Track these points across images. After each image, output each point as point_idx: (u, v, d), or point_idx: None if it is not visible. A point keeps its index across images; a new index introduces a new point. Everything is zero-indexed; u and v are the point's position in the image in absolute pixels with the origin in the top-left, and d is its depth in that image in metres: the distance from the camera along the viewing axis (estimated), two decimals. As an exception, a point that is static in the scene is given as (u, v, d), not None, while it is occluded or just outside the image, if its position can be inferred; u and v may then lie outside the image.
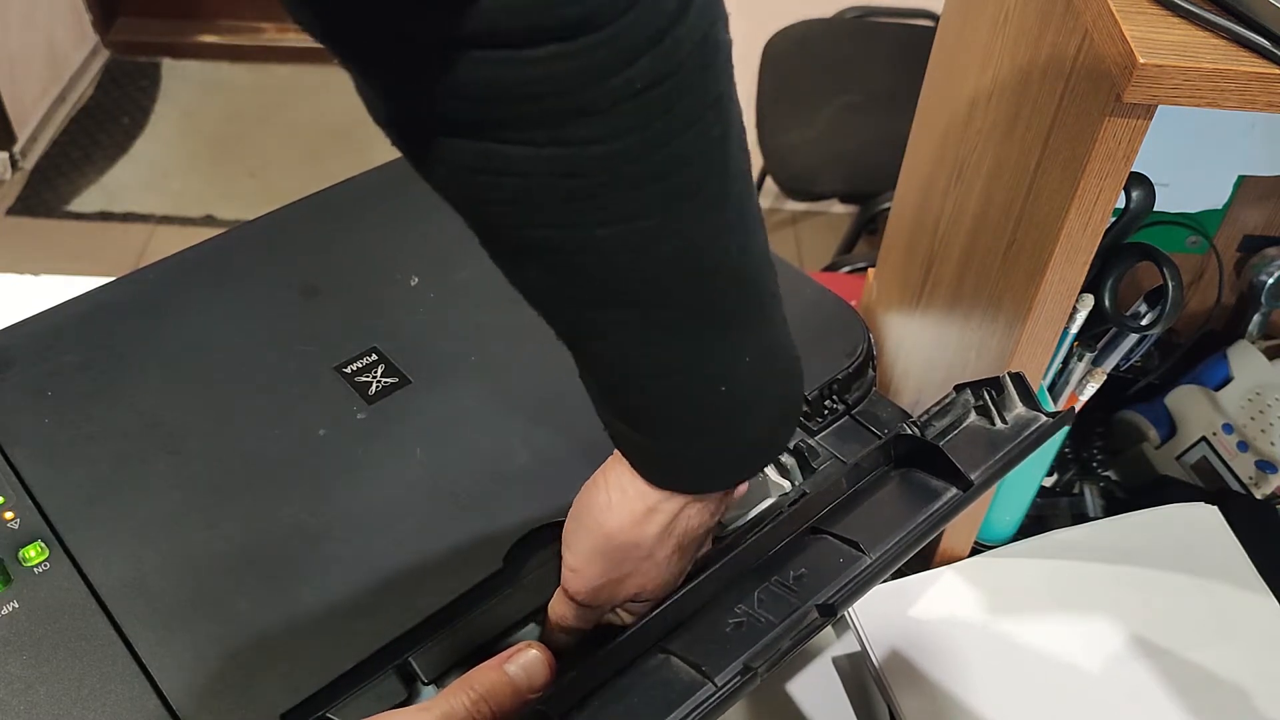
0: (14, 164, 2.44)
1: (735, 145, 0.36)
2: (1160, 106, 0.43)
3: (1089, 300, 0.62)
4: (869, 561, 0.45)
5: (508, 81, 0.31)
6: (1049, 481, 0.80)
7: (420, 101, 0.32)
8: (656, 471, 0.44)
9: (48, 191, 2.41)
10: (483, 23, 0.29)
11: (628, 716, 0.40)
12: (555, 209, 0.34)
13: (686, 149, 0.34)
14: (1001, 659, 0.63)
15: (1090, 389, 0.66)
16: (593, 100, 0.31)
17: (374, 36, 0.32)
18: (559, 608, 0.50)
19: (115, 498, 0.54)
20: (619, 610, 0.50)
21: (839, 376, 0.62)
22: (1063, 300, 0.53)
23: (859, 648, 0.65)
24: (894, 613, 0.65)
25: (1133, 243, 0.62)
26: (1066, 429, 0.73)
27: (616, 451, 0.45)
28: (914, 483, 0.49)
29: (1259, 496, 0.73)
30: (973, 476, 0.47)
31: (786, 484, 0.60)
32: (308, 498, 0.54)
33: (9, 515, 0.52)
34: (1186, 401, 0.78)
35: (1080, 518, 0.78)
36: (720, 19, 0.34)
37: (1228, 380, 0.76)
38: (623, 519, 0.45)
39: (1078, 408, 0.67)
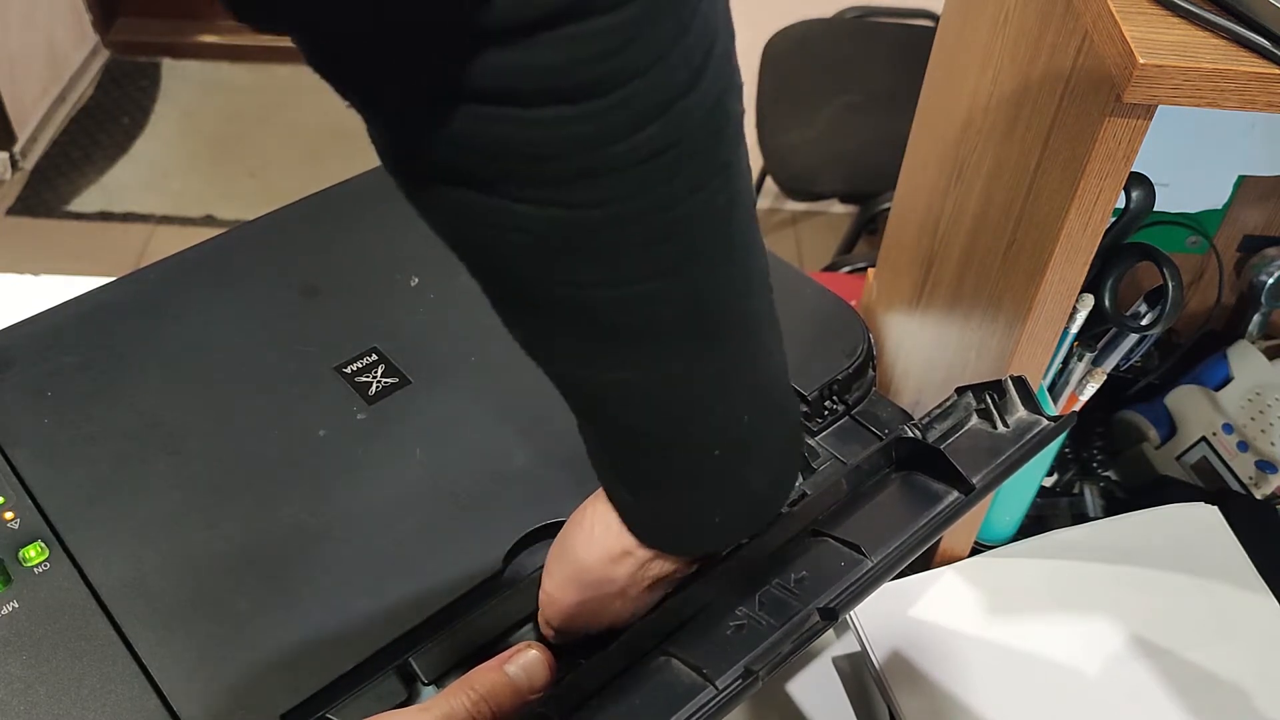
0: (14, 164, 2.44)
1: (742, 212, 0.36)
2: (1160, 106, 0.43)
3: (1089, 300, 0.62)
4: (870, 565, 0.45)
5: (512, 139, 0.31)
6: (1049, 481, 0.80)
7: (425, 150, 0.32)
8: (644, 529, 0.44)
9: (48, 191, 2.41)
10: (491, 79, 0.29)
11: (628, 718, 0.40)
12: (555, 266, 0.34)
13: (690, 216, 0.34)
14: (1001, 659, 0.63)
15: (1090, 389, 0.66)
16: (597, 164, 0.31)
17: (381, 81, 0.32)
18: (540, 626, 0.50)
19: (115, 498, 0.54)
20: None
21: (839, 376, 0.62)
22: (1063, 300, 0.53)
23: (859, 648, 0.65)
24: (894, 613, 0.65)
25: (1133, 243, 0.62)
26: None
27: None
28: (915, 486, 0.49)
29: (1259, 496, 0.73)
30: (974, 480, 0.47)
31: (786, 484, 0.60)
32: (308, 498, 0.54)
33: (9, 515, 0.52)
34: (1186, 401, 0.78)
35: (1080, 518, 0.78)
36: (733, 88, 0.33)
37: (1228, 380, 0.76)
38: (600, 555, 0.45)
39: (1078, 408, 0.67)
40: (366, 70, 0.31)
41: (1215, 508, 0.71)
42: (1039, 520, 0.77)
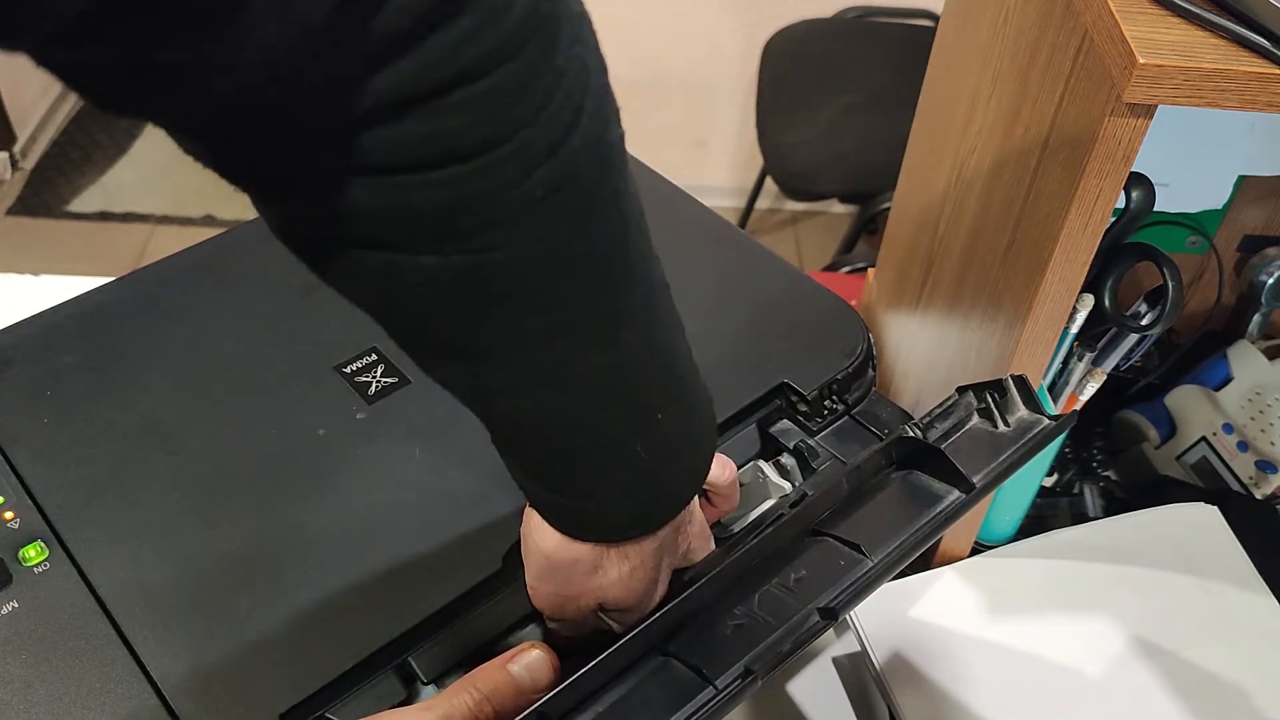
0: (14, 164, 2.44)
1: (635, 232, 0.37)
2: (1160, 106, 0.43)
3: (1089, 300, 0.62)
4: (870, 565, 0.45)
5: (412, 201, 0.32)
6: (1049, 481, 0.80)
7: (323, 222, 0.33)
8: (568, 526, 0.44)
9: (48, 191, 2.41)
10: (384, 153, 0.31)
11: (628, 718, 0.40)
12: (464, 311, 0.35)
13: (588, 246, 0.35)
14: (1001, 659, 0.63)
15: (1090, 389, 0.66)
16: (495, 212, 0.33)
17: (272, 168, 0.33)
18: (546, 622, 0.51)
19: (115, 498, 0.54)
20: (607, 619, 0.50)
21: (839, 376, 0.62)
22: (1063, 300, 0.53)
23: (859, 648, 0.65)
24: (894, 613, 0.65)
25: (1133, 243, 0.62)
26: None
27: None
28: (916, 485, 0.49)
29: (1259, 496, 0.73)
30: (975, 479, 0.47)
31: (787, 485, 0.60)
32: (308, 498, 0.54)
33: (9, 515, 0.52)
34: (1186, 401, 0.78)
35: (1080, 518, 0.78)
36: (613, 118, 0.35)
37: (1228, 380, 0.76)
38: (556, 538, 0.45)
39: (1078, 408, 0.67)
40: (249, 161, 0.32)
41: (1215, 508, 0.71)
42: (1039, 520, 0.77)
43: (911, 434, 0.49)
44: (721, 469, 0.52)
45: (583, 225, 0.35)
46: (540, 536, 0.45)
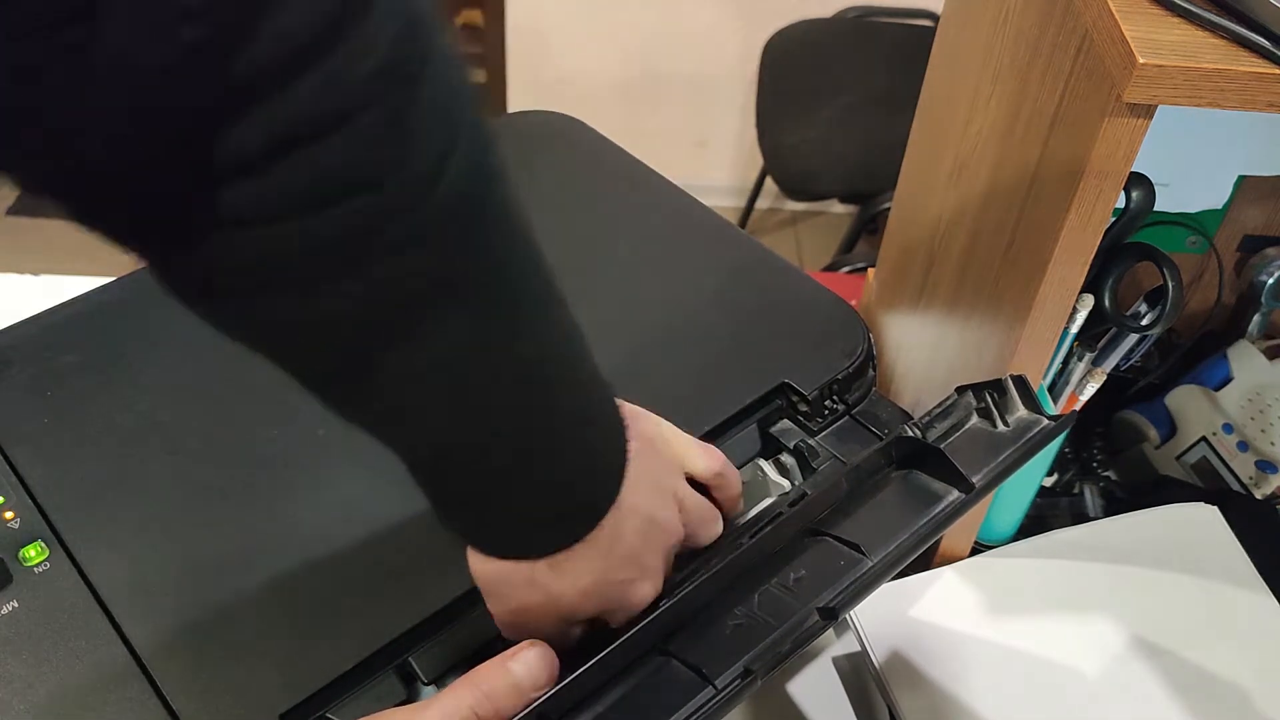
0: (14, 164, 2.44)
1: (520, 255, 0.38)
2: (1160, 106, 0.44)
3: (1089, 300, 0.62)
4: (870, 564, 0.45)
5: (279, 249, 0.32)
6: (1049, 481, 0.80)
7: (195, 272, 0.34)
8: (478, 545, 0.44)
9: (48, 191, 2.41)
10: (246, 205, 0.31)
11: (628, 718, 0.40)
12: (344, 350, 0.36)
13: (466, 278, 0.35)
14: (1001, 659, 0.63)
15: (1090, 389, 0.66)
16: (367, 254, 0.33)
17: (154, 222, 0.33)
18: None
19: (115, 498, 0.54)
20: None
21: (839, 376, 0.62)
22: (1063, 300, 0.53)
23: (859, 648, 0.65)
24: (894, 613, 0.65)
25: (1133, 243, 0.62)
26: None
27: None
28: (915, 485, 0.49)
29: (1259, 496, 0.73)
30: (974, 479, 0.47)
31: (786, 484, 0.60)
32: (308, 498, 0.54)
33: (9, 515, 0.52)
34: (1186, 401, 0.78)
35: (1080, 518, 0.78)
36: (490, 147, 0.35)
37: (1228, 380, 0.76)
38: (479, 556, 0.44)
39: (1078, 408, 0.67)
40: (103, 216, 0.32)
41: (1215, 508, 0.71)
42: (1039, 520, 0.77)
43: (911, 434, 0.49)
44: (709, 459, 0.51)
45: (460, 258, 0.35)
46: (471, 555, 0.45)
